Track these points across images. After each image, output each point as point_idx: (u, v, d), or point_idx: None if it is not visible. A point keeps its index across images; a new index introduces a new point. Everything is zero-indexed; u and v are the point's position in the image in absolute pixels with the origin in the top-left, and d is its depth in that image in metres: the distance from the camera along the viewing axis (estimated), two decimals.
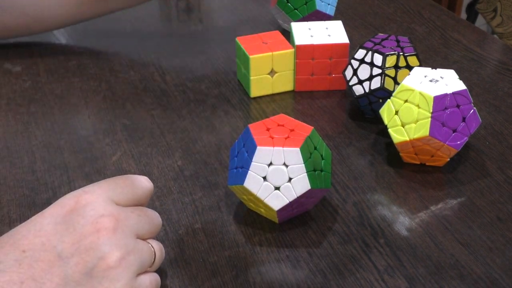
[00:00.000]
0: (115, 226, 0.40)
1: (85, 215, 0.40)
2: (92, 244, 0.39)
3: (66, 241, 0.39)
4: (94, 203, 0.41)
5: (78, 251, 0.39)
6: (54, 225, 0.40)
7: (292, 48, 0.68)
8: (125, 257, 0.40)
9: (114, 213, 0.41)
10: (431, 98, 0.53)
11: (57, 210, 0.41)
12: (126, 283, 0.40)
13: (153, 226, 0.44)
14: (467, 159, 0.59)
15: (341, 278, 0.46)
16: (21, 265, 0.38)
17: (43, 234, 0.39)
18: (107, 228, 0.40)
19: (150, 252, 0.43)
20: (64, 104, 0.67)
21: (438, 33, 0.83)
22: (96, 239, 0.39)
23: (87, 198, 0.41)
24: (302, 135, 0.49)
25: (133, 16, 0.88)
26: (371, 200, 0.54)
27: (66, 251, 0.39)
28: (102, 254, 0.39)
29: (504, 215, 0.52)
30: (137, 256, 0.41)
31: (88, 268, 0.39)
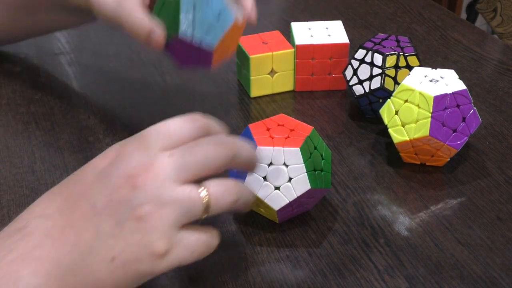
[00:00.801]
0: (148, 176, 0.39)
1: (119, 167, 0.40)
2: (123, 196, 0.39)
3: (101, 193, 0.39)
4: (130, 154, 0.40)
5: (111, 204, 0.39)
6: (93, 176, 0.40)
7: (292, 48, 0.68)
8: (158, 209, 0.38)
9: (148, 163, 0.39)
10: (431, 98, 0.53)
11: (99, 162, 0.41)
12: (161, 236, 0.38)
13: (206, 159, 0.40)
14: (467, 159, 0.59)
15: (341, 278, 0.46)
16: (62, 213, 0.40)
17: (83, 184, 0.40)
18: (139, 179, 0.39)
19: (195, 199, 0.39)
20: (64, 104, 0.67)
21: (438, 33, 0.83)
22: (127, 192, 0.39)
23: (124, 149, 0.41)
24: (302, 135, 0.49)
25: None
26: (371, 200, 0.54)
27: (100, 203, 0.39)
28: (132, 207, 0.38)
29: (504, 215, 0.52)
30: (174, 206, 0.39)
31: (120, 220, 0.38)
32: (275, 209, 0.48)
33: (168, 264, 0.39)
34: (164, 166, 0.39)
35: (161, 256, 0.39)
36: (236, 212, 0.46)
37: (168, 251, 0.39)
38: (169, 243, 0.39)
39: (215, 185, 0.40)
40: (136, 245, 0.38)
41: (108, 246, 0.38)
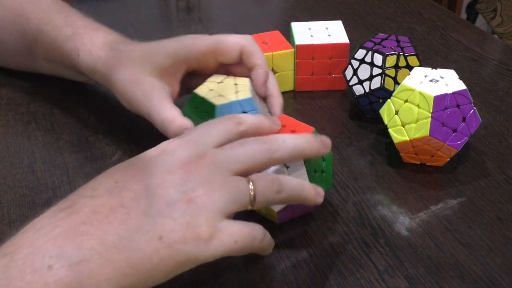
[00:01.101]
0: (204, 163, 0.41)
1: (174, 154, 0.42)
2: (177, 178, 0.40)
3: (154, 175, 0.41)
4: (183, 146, 0.43)
5: (164, 184, 0.40)
6: (146, 163, 0.42)
7: (292, 48, 0.68)
8: (209, 194, 0.40)
9: (201, 153, 0.42)
10: (431, 98, 0.53)
11: (152, 152, 0.43)
12: (207, 220, 0.40)
13: (254, 157, 0.43)
14: (467, 159, 0.59)
15: (341, 278, 0.46)
16: (112, 193, 0.40)
17: (135, 168, 0.42)
18: (193, 166, 0.41)
19: (243, 189, 0.41)
20: (64, 104, 0.67)
21: (438, 33, 0.83)
22: (181, 174, 0.41)
23: (176, 143, 0.43)
24: None
25: (133, 17, 0.88)
26: (371, 200, 0.54)
27: (153, 183, 0.40)
28: (186, 189, 0.40)
29: (504, 215, 0.52)
30: (223, 194, 0.41)
31: (171, 200, 0.40)
32: (275, 210, 0.48)
33: (212, 250, 0.40)
34: (216, 155, 0.42)
35: (205, 240, 0.39)
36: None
37: (212, 236, 0.40)
38: (214, 228, 0.40)
39: (261, 179, 0.43)
40: (183, 226, 0.39)
41: (157, 224, 0.39)
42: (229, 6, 0.92)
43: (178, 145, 0.43)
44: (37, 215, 0.44)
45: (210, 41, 0.57)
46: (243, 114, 0.46)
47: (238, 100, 0.53)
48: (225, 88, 0.54)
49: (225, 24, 0.87)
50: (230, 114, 0.46)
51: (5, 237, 0.50)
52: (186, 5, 0.93)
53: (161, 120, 0.54)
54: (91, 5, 0.92)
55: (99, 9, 0.91)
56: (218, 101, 0.53)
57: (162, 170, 0.41)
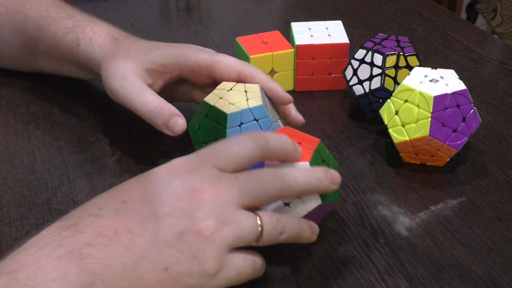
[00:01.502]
0: (215, 193, 0.40)
1: (186, 180, 0.40)
2: (188, 208, 0.39)
3: (164, 201, 0.39)
4: (196, 169, 0.41)
5: (173, 213, 0.39)
6: (156, 184, 0.40)
7: (292, 48, 0.68)
8: (219, 228, 0.39)
9: (215, 180, 0.40)
10: (431, 98, 0.53)
11: (163, 172, 0.41)
12: (215, 255, 0.39)
13: (271, 190, 0.41)
14: (467, 159, 0.59)
15: (341, 278, 0.46)
16: (119, 215, 0.39)
17: (145, 190, 0.40)
18: (205, 194, 0.39)
19: (252, 226, 0.40)
20: (64, 104, 0.67)
21: (438, 33, 0.83)
22: (192, 204, 0.39)
23: (190, 164, 0.41)
24: (310, 148, 0.48)
25: (133, 17, 0.88)
26: (371, 200, 0.54)
27: (162, 210, 0.39)
28: (195, 219, 0.39)
29: (504, 215, 0.52)
30: (233, 228, 0.39)
31: (180, 231, 0.38)
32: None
33: (217, 283, 0.39)
34: (229, 185, 0.40)
35: (211, 275, 0.39)
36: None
37: (218, 271, 0.39)
38: (220, 264, 0.39)
39: (268, 218, 0.41)
40: (190, 259, 0.38)
41: (164, 255, 0.38)
42: (229, 6, 0.92)
43: (192, 166, 0.41)
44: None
45: (210, 57, 0.56)
46: (269, 134, 0.43)
47: (249, 108, 0.52)
48: (235, 96, 0.53)
49: (225, 24, 0.87)
50: (254, 133, 0.43)
51: (5, 237, 0.50)
52: (186, 5, 0.93)
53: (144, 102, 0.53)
54: (91, 5, 0.92)
55: (99, 9, 0.91)
56: (229, 109, 0.51)
57: (172, 196, 0.39)
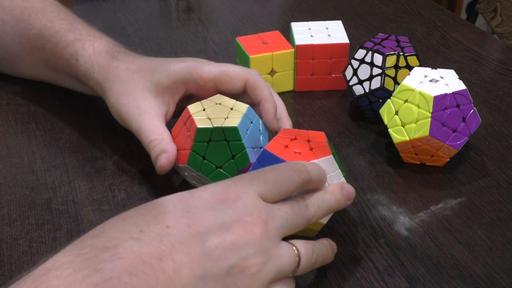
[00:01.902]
0: (263, 227, 0.39)
1: (235, 209, 0.39)
2: (237, 241, 0.38)
3: (213, 232, 0.38)
4: (244, 198, 0.40)
5: (222, 246, 0.37)
6: (203, 210, 0.38)
7: (292, 48, 0.68)
8: (266, 263, 0.38)
9: (263, 212, 0.39)
10: (431, 98, 0.53)
11: (207, 195, 0.39)
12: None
13: (301, 221, 0.42)
14: (467, 159, 0.59)
15: (341, 278, 0.46)
16: (163, 241, 0.36)
17: (191, 216, 0.38)
18: (255, 228, 0.39)
19: (292, 258, 0.40)
20: (64, 104, 0.67)
21: (438, 33, 0.83)
22: (242, 238, 0.38)
23: (238, 192, 0.40)
24: (323, 142, 0.48)
25: (133, 17, 0.88)
26: (371, 200, 0.54)
27: (211, 242, 0.37)
28: (245, 255, 0.38)
29: (504, 215, 0.52)
30: (277, 262, 0.39)
31: (229, 265, 0.37)
32: (324, 222, 0.47)
33: None
34: (274, 219, 0.40)
35: None
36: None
37: None
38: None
39: (305, 248, 0.41)
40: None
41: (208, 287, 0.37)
42: (229, 6, 0.92)
43: (239, 193, 0.40)
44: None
45: (215, 69, 0.55)
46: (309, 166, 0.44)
47: (222, 126, 0.49)
48: (218, 111, 0.51)
49: (225, 24, 0.87)
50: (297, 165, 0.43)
51: (5, 237, 0.50)
52: (186, 5, 0.93)
53: (148, 140, 0.52)
54: (91, 5, 0.92)
55: (99, 9, 0.91)
56: (201, 123, 0.50)
57: (222, 227, 0.38)
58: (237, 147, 0.50)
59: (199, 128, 0.50)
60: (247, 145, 0.50)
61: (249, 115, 0.52)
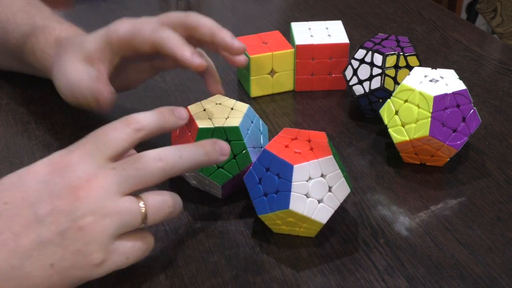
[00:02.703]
0: (92, 189, 0.40)
1: (64, 176, 0.41)
2: (66, 206, 0.40)
3: (44, 200, 0.40)
4: (74, 164, 0.41)
5: (53, 212, 0.40)
6: (35, 183, 0.41)
7: (292, 48, 0.68)
8: (99, 221, 0.40)
9: (92, 174, 0.41)
10: (431, 98, 0.53)
11: (42, 169, 0.42)
12: (98, 247, 0.40)
13: (145, 173, 0.42)
14: (467, 159, 0.59)
15: (341, 278, 0.46)
16: (2, 217, 0.40)
17: (24, 190, 0.41)
18: (82, 191, 0.40)
19: (135, 212, 0.42)
20: (64, 104, 0.67)
21: (438, 33, 0.83)
22: (70, 202, 0.40)
23: (69, 159, 0.42)
24: (324, 143, 0.48)
25: (133, 17, 0.88)
26: (371, 200, 0.54)
27: (43, 210, 0.40)
28: (74, 217, 0.40)
29: (504, 215, 0.52)
30: (114, 218, 0.41)
31: (61, 229, 0.40)
32: (323, 222, 0.47)
33: (104, 270, 0.41)
34: (106, 178, 0.41)
35: (97, 264, 0.41)
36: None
37: (104, 260, 0.41)
38: (106, 253, 0.41)
39: (153, 198, 0.43)
40: (74, 254, 0.40)
41: (48, 252, 0.40)
42: (229, 6, 0.92)
43: (71, 161, 0.42)
44: None
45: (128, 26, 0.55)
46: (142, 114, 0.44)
47: (223, 126, 0.50)
48: (219, 111, 0.52)
49: (225, 24, 0.87)
50: (127, 117, 0.44)
51: None
52: (186, 5, 0.93)
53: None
54: (91, 5, 0.92)
55: (99, 9, 0.91)
56: (202, 123, 0.50)
57: (51, 195, 0.40)
58: (238, 147, 0.50)
59: (201, 128, 0.50)
60: (248, 144, 0.51)
61: (250, 114, 0.52)
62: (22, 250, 0.39)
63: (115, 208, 0.41)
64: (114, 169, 0.42)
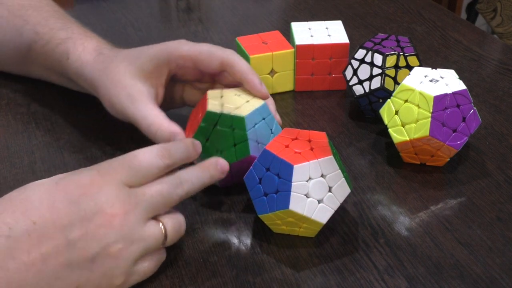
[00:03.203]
0: (123, 216, 0.42)
1: (97, 201, 0.42)
2: (98, 232, 0.41)
3: (76, 225, 0.41)
4: (106, 188, 0.42)
5: (85, 237, 0.41)
6: (67, 204, 0.41)
7: (292, 48, 0.68)
8: (128, 247, 0.42)
9: (125, 202, 0.42)
10: (431, 98, 0.53)
11: (74, 189, 0.42)
12: (123, 270, 0.42)
13: (171, 200, 0.45)
14: (467, 159, 0.59)
15: (341, 278, 0.46)
16: (31, 237, 0.40)
17: (55, 212, 0.41)
18: (115, 218, 0.41)
19: (158, 236, 0.44)
20: (64, 104, 0.67)
21: (438, 33, 0.83)
22: (103, 229, 0.41)
23: (101, 182, 0.42)
24: (324, 143, 0.48)
25: (133, 17, 0.88)
26: (371, 200, 0.54)
27: (74, 234, 0.40)
28: (105, 243, 0.41)
29: (504, 215, 0.52)
30: (141, 244, 0.43)
31: (91, 254, 0.41)
32: (323, 222, 0.47)
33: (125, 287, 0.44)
34: (137, 206, 0.43)
35: (119, 285, 0.43)
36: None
37: (126, 281, 0.43)
38: (128, 275, 0.43)
39: (171, 221, 0.45)
40: (100, 277, 0.41)
41: (75, 274, 0.41)
42: (229, 6, 0.92)
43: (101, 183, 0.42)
44: None
45: (193, 48, 0.56)
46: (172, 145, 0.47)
47: (230, 114, 0.51)
48: (233, 101, 0.53)
49: (225, 24, 0.87)
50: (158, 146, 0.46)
51: None
52: (186, 5, 0.93)
53: (147, 125, 0.53)
54: (91, 5, 0.92)
55: (99, 9, 0.91)
56: (213, 107, 0.51)
57: (84, 219, 0.41)
58: (240, 137, 0.51)
59: (208, 110, 0.51)
60: (251, 137, 0.51)
61: (263, 111, 0.53)
62: (50, 271, 0.40)
63: (142, 234, 0.43)
64: (144, 196, 0.43)
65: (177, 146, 0.47)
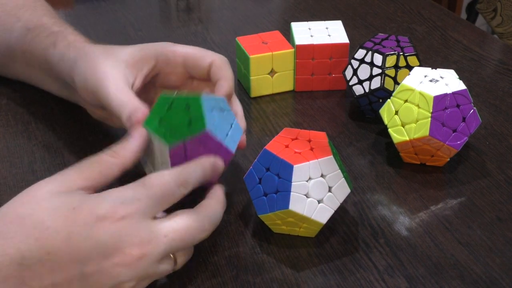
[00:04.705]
0: (141, 258, 0.41)
1: (117, 238, 0.40)
2: (114, 270, 0.40)
3: (92, 259, 0.40)
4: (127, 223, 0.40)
5: (99, 273, 0.40)
6: (84, 238, 0.39)
7: (292, 48, 0.68)
8: (139, 283, 0.42)
9: (144, 242, 0.41)
10: (431, 98, 0.53)
11: (91, 218, 0.40)
12: None
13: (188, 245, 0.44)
14: (467, 159, 0.59)
15: (341, 278, 0.46)
16: (44, 266, 0.39)
17: (72, 245, 0.39)
18: (133, 260, 0.40)
19: (169, 269, 0.43)
20: (64, 104, 0.67)
21: (438, 33, 0.83)
22: (118, 268, 0.40)
23: (123, 214, 0.41)
24: (324, 143, 0.48)
25: (133, 17, 0.88)
26: (371, 200, 0.54)
27: (89, 269, 0.40)
28: (118, 282, 0.40)
29: (504, 215, 0.52)
30: (152, 279, 0.43)
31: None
32: (323, 222, 0.47)
33: None
34: (156, 247, 0.41)
35: None
36: None
37: None
38: None
39: (183, 257, 0.44)
40: None
41: None
42: (229, 6, 0.92)
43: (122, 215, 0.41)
44: None
45: (187, 48, 0.56)
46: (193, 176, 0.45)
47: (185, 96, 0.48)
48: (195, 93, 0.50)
49: (225, 24, 0.87)
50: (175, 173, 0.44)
51: None
52: (186, 5, 0.93)
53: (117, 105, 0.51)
54: (91, 5, 0.92)
55: (99, 9, 0.91)
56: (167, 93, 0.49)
57: (100, 255, 0.40)
58: (196, 110, 0.47)
59: (161, 95, 0.48)
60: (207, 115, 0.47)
61: (222, 104, 0.49)
62: None
63: (156, 271, 0.42)
64: (165, 238, 0.41)
65: (195, 171, 0.45)
